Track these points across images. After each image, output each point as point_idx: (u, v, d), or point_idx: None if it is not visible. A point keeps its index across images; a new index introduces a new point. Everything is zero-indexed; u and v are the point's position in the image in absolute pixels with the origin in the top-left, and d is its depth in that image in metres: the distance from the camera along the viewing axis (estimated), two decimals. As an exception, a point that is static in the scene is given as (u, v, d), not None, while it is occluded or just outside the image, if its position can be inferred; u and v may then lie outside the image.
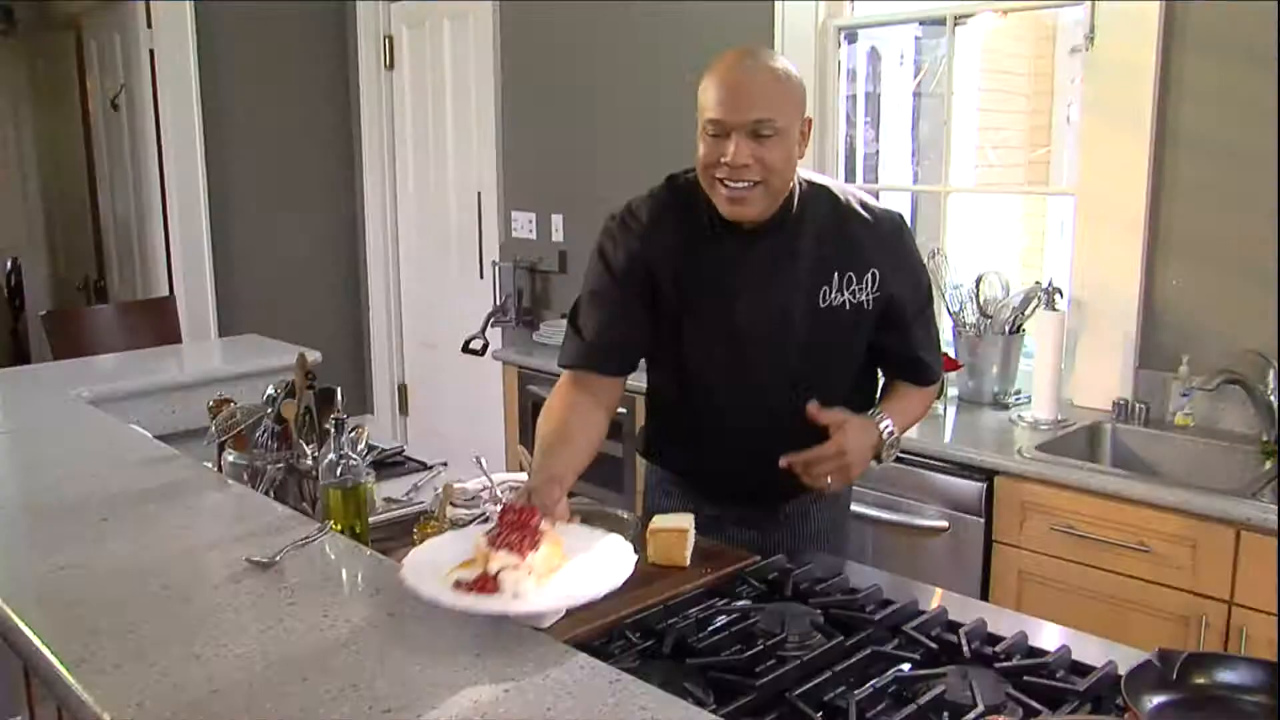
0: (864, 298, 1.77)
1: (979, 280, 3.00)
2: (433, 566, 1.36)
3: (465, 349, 4.26)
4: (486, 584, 1.29)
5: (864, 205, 1.81)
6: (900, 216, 1.85)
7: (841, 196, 1.80)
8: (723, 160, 1.64)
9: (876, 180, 3.83)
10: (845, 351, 1.83)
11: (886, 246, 1.79)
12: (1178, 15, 2.67)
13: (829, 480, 1.72)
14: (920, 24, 3.61)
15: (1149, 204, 2.75)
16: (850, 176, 3.59)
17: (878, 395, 1.92)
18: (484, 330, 4.28)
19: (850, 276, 1.76)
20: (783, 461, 1.70)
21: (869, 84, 3.88)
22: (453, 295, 4.96)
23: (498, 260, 4.55)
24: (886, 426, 1.77)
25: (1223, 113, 2.63)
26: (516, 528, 1.35)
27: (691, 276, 1.77)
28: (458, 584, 1.30)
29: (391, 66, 5.09)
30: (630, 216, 1.80)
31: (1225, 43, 2.61)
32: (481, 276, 4.76)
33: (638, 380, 1.90)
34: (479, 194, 4.71)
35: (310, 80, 5.18)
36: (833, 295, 1.76)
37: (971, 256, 3.33)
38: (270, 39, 5.00)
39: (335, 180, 5.33)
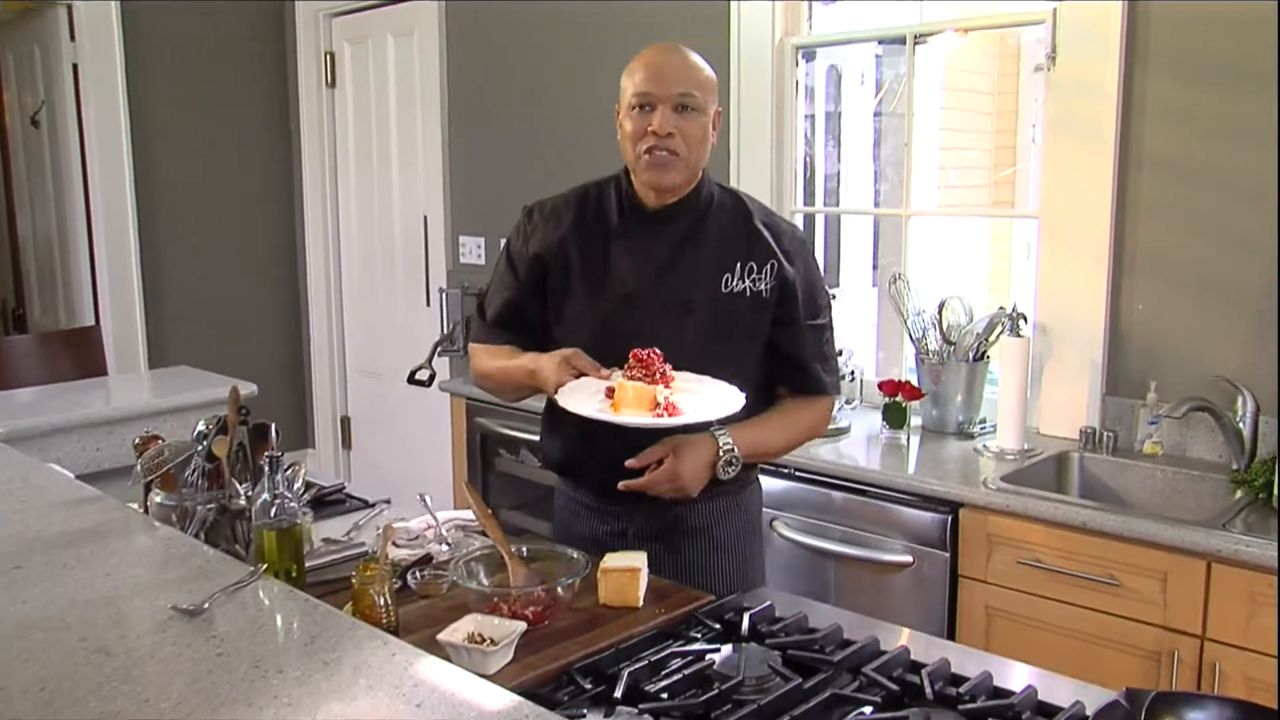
0: (763, 286, 1.95)
1: (942, 306, 3.04)
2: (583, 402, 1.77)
3: (411, 380, 4.22)
4: (673, 410, 1.73)
5: (770, 213, 2.05)
6: (804, 232, 2.09)
7: (749, 202, 2.03)
8: (650, 129, 1.86)
9: (837, 203, 3.87)
10: (746, 338, 1.96)
11: (787, 248, 1.99)
12: (1139, 33, 2.73)
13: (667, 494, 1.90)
14: (880, 43, 3.67)
15: (1113, 226, 2.80)
16: (809, 199, 3.63)
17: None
18: (430, 360, 4.25)
19: (752, 266, 1.95)
20: (621, 485, 1.87)
21: (829, 103, 3.92)
22: (398, 323, 4.94)
23: (445, 287, 4.54)
24: (726, 444, 1.90)
25: (1186, 132, 2.69)
26: (661, 364, 1.78)
27: (593, 261, 1.96)
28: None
29: (333, 84, 5.08)
30: (537, 208, 2.05)
31: (1188, 60, 2.68)
32: (428, 304, 4.74)
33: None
34: (425, 217, 4.70)
35: (247, 97, 5.16)
36: (734, 283, 1.94)
37: (934, 281, 3.37)
38: (204, 52, 4.97)
39: (274, 203, 5.30)
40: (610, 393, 1.78)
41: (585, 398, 1.79)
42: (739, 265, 1.94)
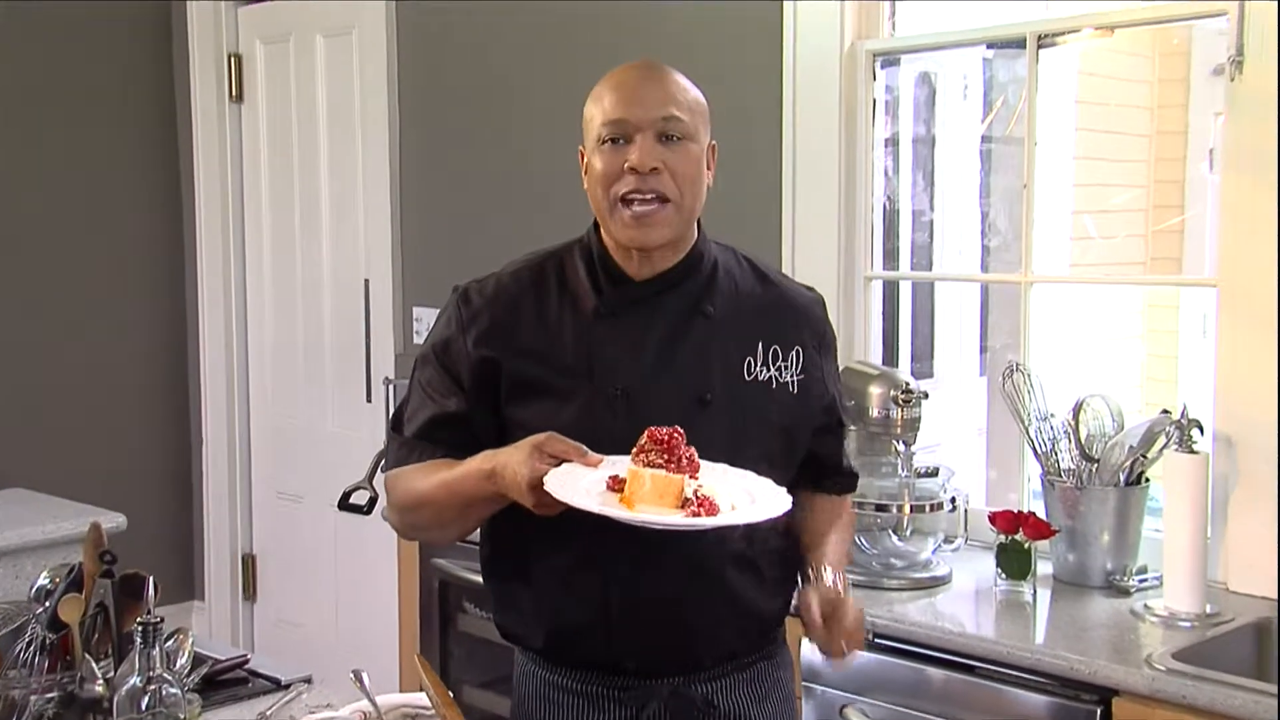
0: (790, 378, 2.06)
1: (1079, 408, 3.03)
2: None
3: (344, 505, 4.21)
4: (710, 506, 1.77)
5: (782, 276, 2.21)
6: (819, 294, 2.22)
7: (757, 263, 2.16)
8: (628, 166, 1.93)
9: (929, 265, 3.86)
10: (777, 443, 2.05)
11: (812, 324, 2.14)
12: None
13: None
14: (989, 46, 3.70)
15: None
16: (891, 261, 3.61)
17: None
18: (371, 478, 4.24)
19: (776, 350, 2.05)
20: (836, 667, 2.04)
21: (918, 123, 3.94)
22: (326, 427, 4.96)
23: (392, 377, 4.56)
24: (847, 582, 2.08)
25: None
26: (685, 447, 1.81)
27: (569, 354, 2.01)
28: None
29: (240, 98, 5.15)
30: (475, 291, 2.08)
31: None
32: (369, 399, 4.75)
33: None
34: (366, 283, 4.73)
35: (119, 115, 5.20)
36: (758, 368, 2.03)
37: (1067, 374, 3.36)
38: (58, 55, 5.00)
39: (153, 260, 5.33)
40: (615, 484, 1.81)
41: (580, 491, 1.78)
42: (760, 347, 2.03)
